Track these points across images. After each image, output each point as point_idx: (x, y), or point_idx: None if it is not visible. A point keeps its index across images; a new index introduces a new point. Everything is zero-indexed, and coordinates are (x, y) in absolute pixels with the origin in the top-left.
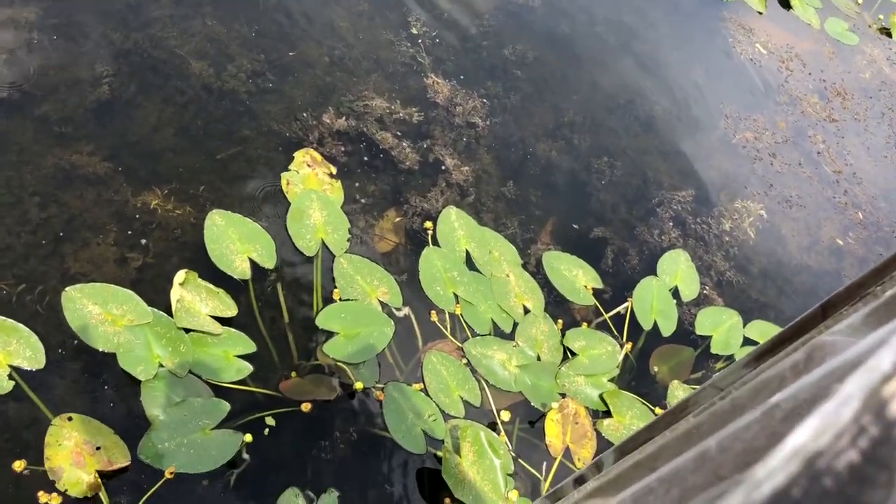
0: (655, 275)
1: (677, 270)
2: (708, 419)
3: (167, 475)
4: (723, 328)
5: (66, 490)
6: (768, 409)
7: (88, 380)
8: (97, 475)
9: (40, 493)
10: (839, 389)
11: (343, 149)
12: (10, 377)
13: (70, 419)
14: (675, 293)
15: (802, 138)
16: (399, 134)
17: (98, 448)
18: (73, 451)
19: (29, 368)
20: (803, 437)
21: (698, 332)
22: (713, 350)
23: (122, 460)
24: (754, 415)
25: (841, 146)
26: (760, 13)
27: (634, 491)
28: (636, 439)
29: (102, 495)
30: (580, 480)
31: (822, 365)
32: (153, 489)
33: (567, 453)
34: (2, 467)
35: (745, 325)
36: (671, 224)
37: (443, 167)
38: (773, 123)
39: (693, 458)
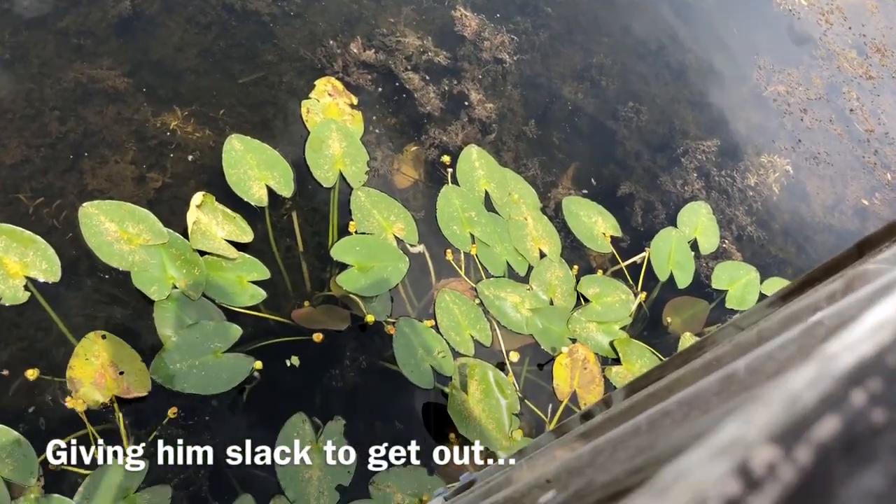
0: (675, 226)
1: (698, 222)
2: (731, 350)
3: (170, 415)
4: (739, 283)
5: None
6: (809, 328)
7: (103, 296)
8: (114, 399)
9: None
10: None
11: (366, 79)
12: (26, 288)
13: (104, 337)
14: (694, 245)
15: (836, 94)
16: (424, 66)
17: (122, 373)
18: (98, 370)
19: (45, 281)
20: (892, 308)
21: (714, 285)
22: (728, 305)
23: (140, 390)
24: (791, 334)
25: (875, 104)
26: None
27: (650, 414)
28: (648, 377)
29: (117, 414)
30: (587, 416)
31: (866, 287)
32: (161, 422)
33: (574, 397)
34: (15, 375)
35: (762, 282)
36: (695, 175)
37: (466, 102)
38: (808, 78)
39: (718, 380)
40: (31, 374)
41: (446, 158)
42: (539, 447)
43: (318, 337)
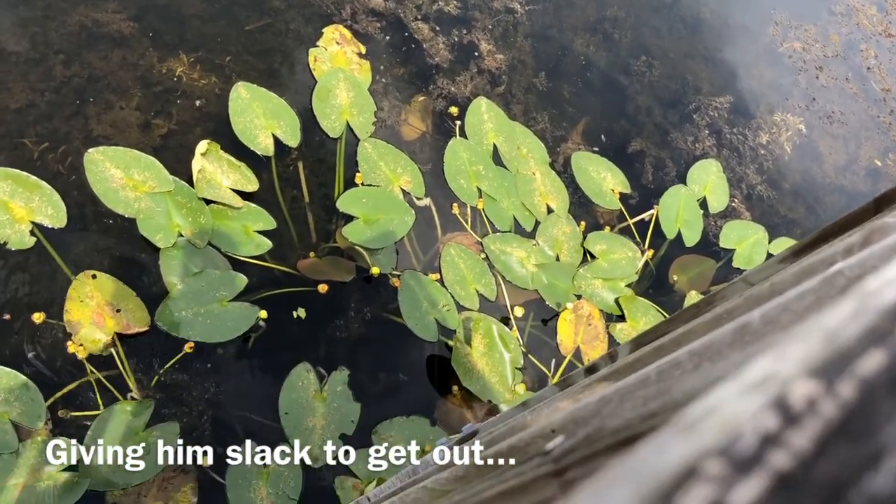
0: (685, 183)
1: (707, 180)
2: (743, 303)
3: (187, 349)
4: (747, 242)
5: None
6: (828, 278)
7: (108, 243)
8: (115, 337)
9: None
10: None
11: (375, 27)
12: (32, 233)
13: (94, 277)
14: (703, 204)
15: (853, 52)
16: (434, 15)
17: (118, 310)
18: (95, 311)
19: (51, 226)
20: None
21: (722, 244)
22: (735, 264)
23: (141, 325)
24: (808, 285)
25: (893, 63)
26: None
27: (659, 365)
28: (655, 331)
29: (120, 355)
30: (592, 369)
31: (887, 238)
32: (171, 361)
33: (577, 353)
34: (21, 319)
35: (770, 242)
36: (706, 132)
37: (476, 53)
38: (825, 34)
39: (731, 330)
40: (38, 317)
41: (454, 110)
42: (543, 399)
43: (323, 288)
